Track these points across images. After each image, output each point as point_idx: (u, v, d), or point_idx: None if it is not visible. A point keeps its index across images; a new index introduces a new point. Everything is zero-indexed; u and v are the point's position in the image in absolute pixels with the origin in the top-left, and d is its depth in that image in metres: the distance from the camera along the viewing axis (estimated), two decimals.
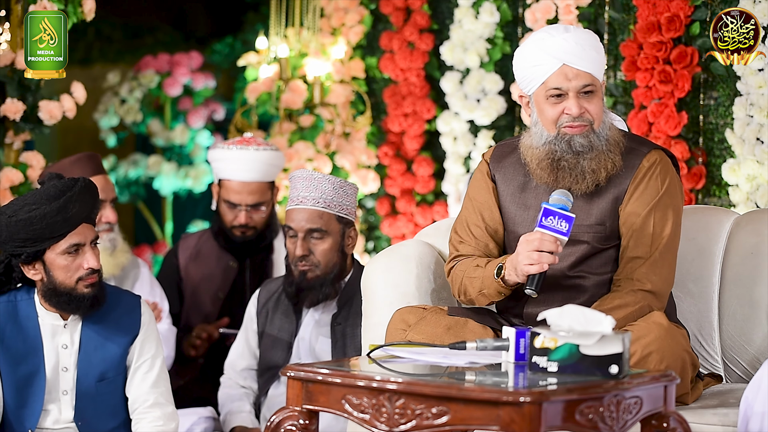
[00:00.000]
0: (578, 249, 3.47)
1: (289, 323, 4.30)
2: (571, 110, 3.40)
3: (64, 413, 3.72)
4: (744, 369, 3.70)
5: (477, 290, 3.48)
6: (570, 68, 3.40)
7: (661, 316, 3.36)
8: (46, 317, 3.72)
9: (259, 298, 4.41)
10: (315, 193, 4.15)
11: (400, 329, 3.48)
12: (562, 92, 3.41)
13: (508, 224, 3.58)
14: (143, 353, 3.78)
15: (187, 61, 7.06)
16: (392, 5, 5.91)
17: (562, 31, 3.43)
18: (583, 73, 3.40)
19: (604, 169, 3.43)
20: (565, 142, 3.42)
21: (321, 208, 4.16)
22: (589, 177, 3.43)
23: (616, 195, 3.48)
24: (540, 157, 3.46)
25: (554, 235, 3.28)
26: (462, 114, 5.66)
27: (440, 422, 2.74)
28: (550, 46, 3.40)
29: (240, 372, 4.41)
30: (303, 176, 4.18)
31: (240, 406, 4.35)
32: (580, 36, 3.43)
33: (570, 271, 3.49)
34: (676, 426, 2.93)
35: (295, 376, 2.94)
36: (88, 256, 3.67)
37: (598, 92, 3.45)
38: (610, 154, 3.43)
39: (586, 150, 3.42)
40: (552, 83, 3.41)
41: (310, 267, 4.19)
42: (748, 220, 3.80)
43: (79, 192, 3.65)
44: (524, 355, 2.98)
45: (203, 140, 7.10)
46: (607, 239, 3.49)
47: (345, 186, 4.19)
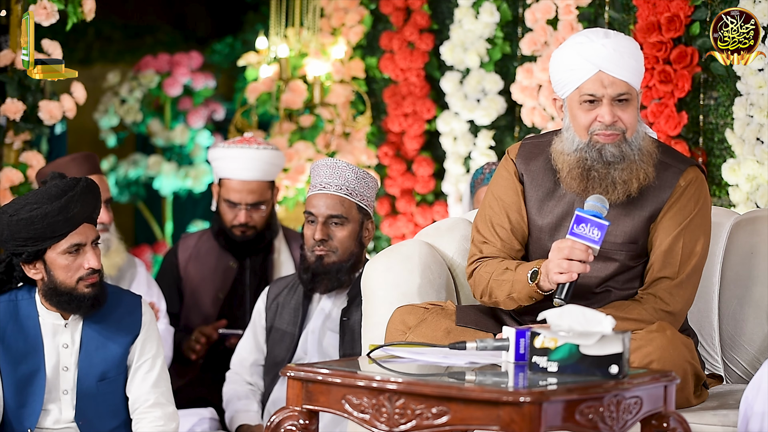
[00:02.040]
0: (608, 266, 3.43)
1: (297, 316, 4.29)
2: (603, 118, 3.35)
3: (64, 413, 3.73)
4: (744, 369, 3.70)
5: (506, 294, 3.43)
6: (606, 75, 3.34)
7: (667, 325, 3.32)
8: (47, 316, 3.72)
9: (269, 293, 4.41)
10: (338, 180, 4.14)
11: (400, 331, 3.47)
12: (596, 98, 3.36)
13: (534, 231, 3.52)
14: (144, 353, 3.78)
15: (187, 61, 7.07)
16: (392, 5, 5.91)
17: (602, 37, 3.37)
18: (619, 81, 3.34)
19: (636, 179, 3.38)
20: (596, 150, 3.37)
21: (343, 194, 4.15)
22: (620, 188, 3.37)
23: (651, 213, 3.43)
24: (571, 165, 3.40)
25: (585, 243, 3.22)
26: (462, 114, 5.66)
27: (440, 422, 2.74)
28: (588, 51, 3.35)
29: (248, 368, 4.40)
30: (326, 164, 4.17)
31: (247, 405, 4.34)
32: (620, 43, 3.37)
33: (597, 288, 3.45)
34: (676, 426, 2.93)
35: (295, 376, 2.94)
36: (89, 256, 3.67)
37: (633, 101, 3.38)
38: (642, 164, 3.38)
39: (617, 160, 3.36)
40: (587, 89, 3.35)
41: (327, 252, 4.18)
42: (748, 220, 3.80)
43: (81, 192, 3.65)
44: (524, 355, 2.98)
45: (203, 140, 7.10)
46: (638, 257, 3.45)
47: (367, 177, 4.19)
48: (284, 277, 4.46)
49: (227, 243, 4.91)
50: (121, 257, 4.60)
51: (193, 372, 4.89)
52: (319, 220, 4.16)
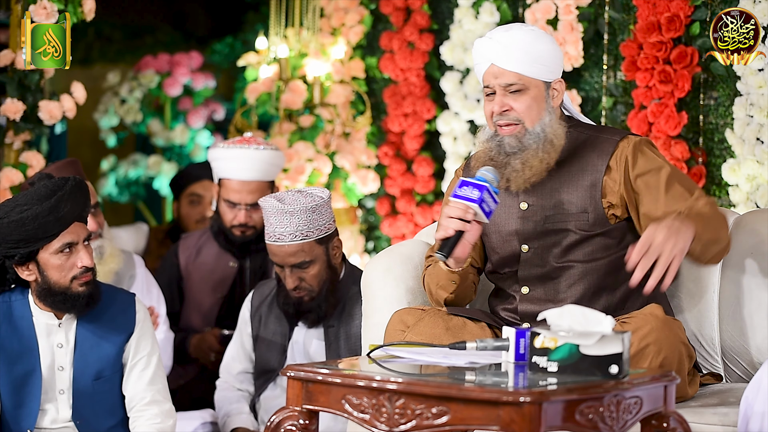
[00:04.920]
0: (563, 237, 3.53)
1: (282, 327, 4.29)
2: (494, 107, 3.54)
3: (61, 412, 3.73)
4: (744, 369, 3.70)
5: (435, 284, 3.59)
6: (496, 67, 3.53)
7: (658, 308, 3.39)
8: (41, 317, 3.72)
9: (252, 301, 4.39)
10: (290, 227, 4.06)
11: (399, 330, 3.49)
12: (491, 90, 3.54)
13: (488, 226, 3.59)
14: (139, 351, 3.79)
15: (187, 61, 7.07)
16: (392, 5, 5.91)
17: (502, 32, 3.56)
18: (507, 72, 3.52)
19: (530, 168, 3.51)
20: (496, 142, 3.55)
21: (300, 240, 4.08)
22: (527, 171, 3.51)
23: (591, 181, 3.54)
24: (479, 156, 3.59)
25: (464, 202, 3.38)
26: (462, 114, 5.66)
27: (440, 422, 2.74)
28: (482, 47, 3.56)
29: (236, 375, 4.40)
30: (273, 210, 4.06)
31: (239, 408, 4.34)
32: (515, 36, 3.53)
33: (557, 261, 3.53)
34: (676, 426, 2.94)
35: (295, 376, 2.95)
36: (81, 255, 3.67)
37: (528, 91, 3.52)
38: (541, 153, 3.51)
39: (515, 150, 3.52)
40: (485, 81, 3.57)
41: (305, 293, 4.17)
42: (748, 220, 3.80)
43: (71, 191, 3.65)
44: (524, 355, 2.98)
45: (203, 140, 7.10)
46: (593, 226, 3.53)
47: (318, 207, 4.08)
48: (267, 283, 4.43)
49: (227, 243, 4.91)
50: (116, 262, 4.54)
51: (193, 373, 4.89)
52: (286, 269, 4.14)
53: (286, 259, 4.11)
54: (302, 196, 4.09)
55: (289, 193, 4.11)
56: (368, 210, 6.10)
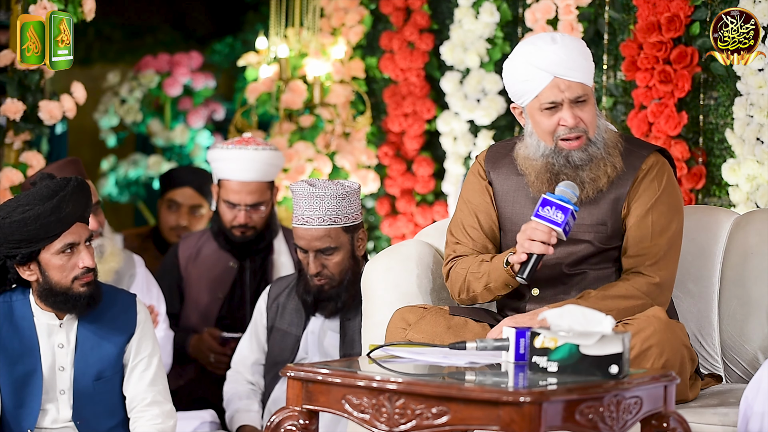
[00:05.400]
0: (580, 248, 3.49)
1: (299, 317, 4.29)
2: (566, 121, 3.42)
3: (62, 413, 3.73)
4: (744, 369, 3.70)
5: (483, 285, 3.49)
6: (562, 80, 3.40)
7: (660, 311, 3.38)
8: (42, 317, 3.72)
9: (270, 293, 4.41)
10: (319, 211, 4.08)
11: (401, 328, 3.49)
12: (556, 104, 3.42)
13: (506, 224, 3.59)
14: (140, 352, 3.78)
15: (187, 61, 7.06)
16: (392, 5, 5.91)
17: (550, 42, 3.42)
18: (575, 84, 3.41)
19: (604, 174, 3.45)
20: (563, 157, 3.44)
21: (327, 225, 4.10)
22: (589, 186, 3.45)
23: (616, 196, 3.49)
24: (538, 170, 3.48)
25: (548, 225, 3.30)
26: (462, 114, 5.66)
27: (440, 422, 2.74)
28: (539, 60, 3.41)
29: (249, 367, 4.40)
30: (304, 193, 4.09)
31: (248, 405, 4.34)
32: (568, 45, 3.43)
33: (570, 269, 3.51)
34: (676, 426, 2.94)
35: (295, 376, 2.95)
36: (83, 255, 3.67)
37: (590, 99, 3.45)
38: (609, 158, 3.46)
39: (584, 162, 3.44)
40: (545, 97, 3.42)
41: (327, 281, 4.18)
42: (748, 220, 3.80)
43: (72, 191, 3.65)
44: (524, 355, 2.98)
45: (203, 140, 7.10)
46: (609, 239, 3.51)
47: (347, 195, 4.12)
48: (285, 277, 4.46)
49: (227, 243, 4.91)
50: (117, 261, 4.54)
51: (193, 372, 4.89)
52: (311, 254, 4.14)
53: (311, 243, 4.12)
54: (333, 183, 4.13)
55: (320, 180, 4.16)
56: (368, 210, 6.10)
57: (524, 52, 3.45)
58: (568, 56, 3.40)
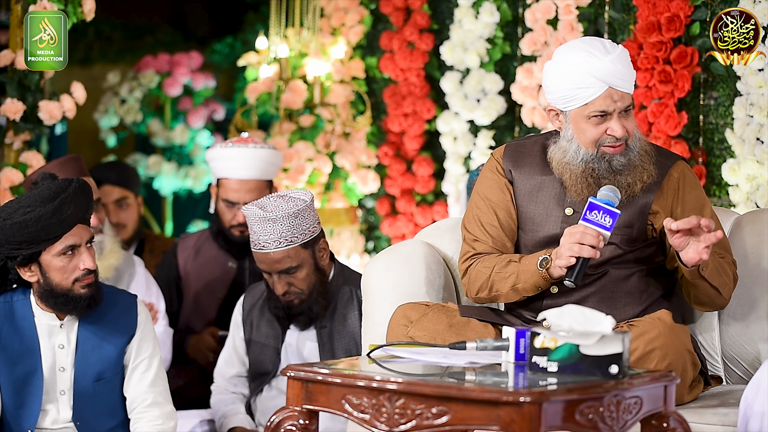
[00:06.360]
0: (606, 249, 3.48)
1: (275, 330, 4.28)
2: (615, 132, 3.44)
3: (62, 413, 3.73)
4: (744, 369, 3.70)
5: (509, 286, 3.49)
6: (616, 91, 3.42)
7: (666, 314, 3.39)
8: (42, 317, 3.72)
9: (243, 305, 4.38)
10: (273, 234, 4.03)
11: (402, 325, 3.49)
12: (606, 114, 3.43)
13: (526, 223, 3.58)
14: (140, 353, 3.78)
15: (187, 61, 7.07)
16: (392, 5, 5.91)
17: (604, 52, 3.43)
18: (626, 95, 3.45)
19: (640, 180, 3.48)
20: (605, 161, 3.46)
21: (285, 247, 4.04)
22: (624, 191, 3.46)
23: (644, 201, 3.51)
24: (577, 175, 3.48)
25: (597, 229, 3.34)
26: (462, 114, 5.66)
27: (440, 422, 2.74)
28: (596, 69, 3.41)
29: (229, 379, 4.39)
30: (256, 218, 4.02)
31: (235, 409, 4.33)
32: (620, 55, 3.45)
33: (593, 269, 3.51)
34: (676, 426, 2.94)
35: (295, 376, 2.94)
36: (84, 257, 3.66)
37: (632, 108, 3.49)
38: (645, 165, 3.48)
39: (624, 167, 3.46)
40: (597, 106, 3.43)
41: (295, 296, 4.15)
42: (748, 220, 3.80)
43: (74, 193, 3.64)
44: (524, 355, 2.98)
45: (203, 140, 7.10)
46: (634, 242, 3.52)
47: (300, 212, 4.04)
48: (257, 286, 4.40)
49: (226, 243, 4.91)
50: (116, 258, 4.53)
51: (192, 373, 4.89)
52: (274, 276, 4.11)
53: (272, 266, 4.09)
54: (284, 201, 4.05)
55: (270, 200, 4.07)
56: (368, 210, 6.10)
57: (580, 60, 3.43)
58: (623, 67, 3.43)
